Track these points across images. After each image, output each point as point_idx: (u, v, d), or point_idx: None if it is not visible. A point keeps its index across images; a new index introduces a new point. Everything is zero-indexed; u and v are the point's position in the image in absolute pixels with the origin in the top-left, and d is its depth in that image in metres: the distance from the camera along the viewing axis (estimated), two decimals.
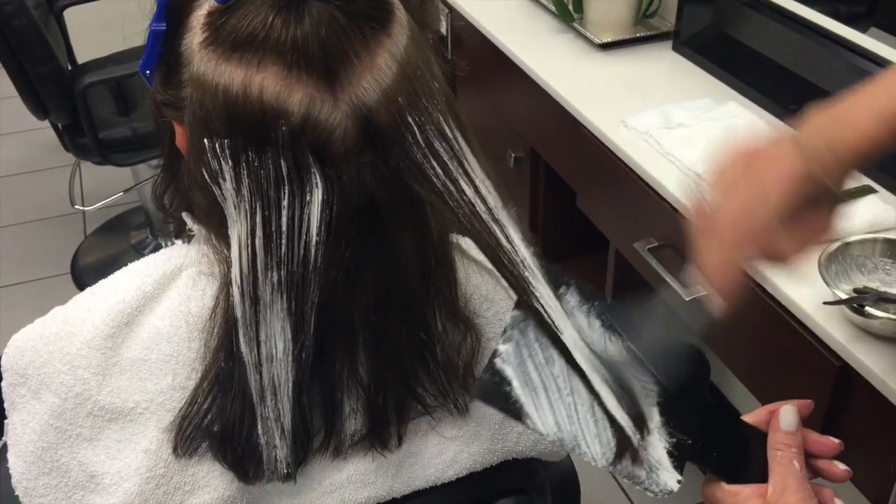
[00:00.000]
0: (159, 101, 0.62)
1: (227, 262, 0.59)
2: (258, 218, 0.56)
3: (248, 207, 0.56)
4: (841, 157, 0.61)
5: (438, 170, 0.57)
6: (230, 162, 0.55)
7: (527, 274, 0.59)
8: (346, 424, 0.65)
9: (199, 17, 0.57)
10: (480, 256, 0.72)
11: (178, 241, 0.77)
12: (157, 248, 2.57)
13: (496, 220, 0.59)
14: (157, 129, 0.68)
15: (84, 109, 2.02)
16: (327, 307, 0.59)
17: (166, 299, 0.65)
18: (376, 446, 0.66)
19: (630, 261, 1.40)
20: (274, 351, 0.59)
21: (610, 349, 0.60)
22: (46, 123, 2.28)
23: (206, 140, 0.55)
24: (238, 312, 0.58)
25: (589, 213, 1.53)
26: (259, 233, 0.56)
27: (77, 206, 2.32)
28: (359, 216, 0.57)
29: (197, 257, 0.66)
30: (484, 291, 0.72)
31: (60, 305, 0.70)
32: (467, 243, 0.71)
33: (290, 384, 0.60)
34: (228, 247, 0.58)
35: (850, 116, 0.63)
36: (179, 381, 0.63)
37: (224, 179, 0.56)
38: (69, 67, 2.35)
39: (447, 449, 0.70)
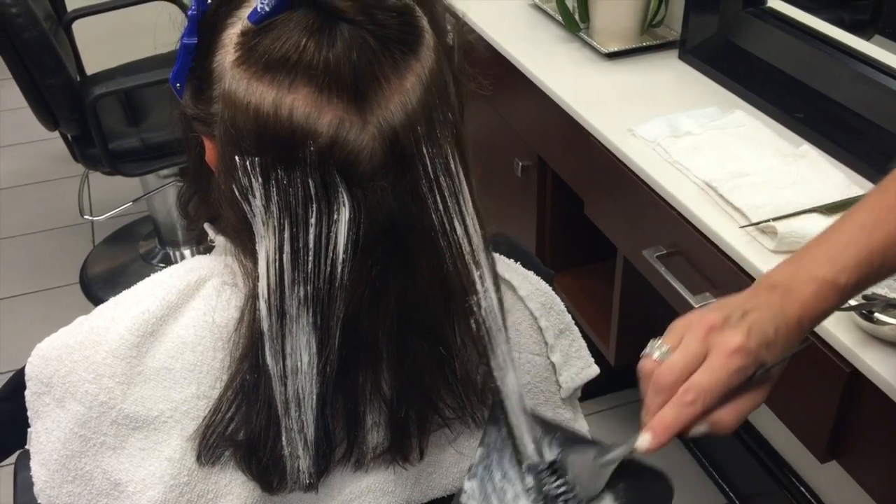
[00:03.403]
0: (189, 115, 0.63)
1: (253, 276, 0.60)
2: (286, 234, 0.57)
3: (276, 224, 0.57)
4: (786, 334, 0.61)
5: (439, 205, 0.59)
6: (260, 179, 0.56)
7: (491, 325, 0.62)
8: (368, 437, 0.66)
9: (231, 35, 0.58)
10: (499, 267, 0.74)
11: (188, 251, 0.78)
12: (165, 258, 2.60)
13: (476, 262, 0.61)
14: (183, 140, 0.70)
15: (94, 120, 2.04)
16: (352, 322, 0.60)
17: (190, 309, 0.66)
18: (398, 459, 0.67)
19: (638, 268, 1.41)
20: (299, 364, 0.60)
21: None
22: (55, 134, 2.30)
23: (236, 157, 0.57)
24: (264, 325, 0.59)
25: (597, 220, 1.54)
26: (287, 249, 0.57)
27: (86, 217, 2.34)
28: (384, 235, 0.58)
29: (220, 268, 0.68)
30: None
31: (84, 315, 0.71)
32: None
33: (315, 397, 0.61)
34: (255, 261, 0.59)
35: (794, 288, 0.62)
36: (204, 391, 0.64)
37: (254, 196, 0.57)
38: (78, 78, 2.37)
39: (464, 459, 0.71)
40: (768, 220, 1.11)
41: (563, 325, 0.77)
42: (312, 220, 0.57)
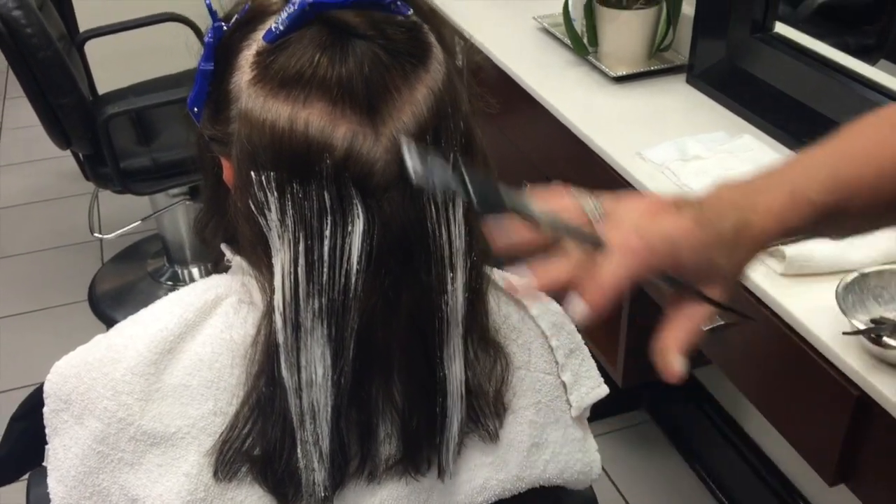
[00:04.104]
0: (207, 137, 0.64)
1: (269, 290, 0.61)
2: (301, 247, 0.58)
3: (291, 237, 0.58)
4: (745, 238, 0.54)
5: (431, 212, 0.60)
6: (276, 193, 0.58)
7: (451, 321, 0.63)
8: (380, 449, 0.67)
9: (247, 56, 0.59)
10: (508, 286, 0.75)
11: (196, 269, 0.79)
12: (173, 276, 2.61)
13: (452, 265, 0.62)
14: (200, 164, 0.71)
15: (106, 139, 2.06)
16: (365, 334, 0.61)
17: (208, 327, 0.67)
18: (410, 471, 0.68)
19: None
20: (314, 376, 0.61)
21: None
22: (62, 153, 2.32)
23: (252, 173, 0.58)
24: (280, 338, 0.60)
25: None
26: (301, 261, 0.58)
27: (96, 234, 2.36)
28: (396, 246, 0.59)
29: (237, 286, 0.69)
30: (513, 321, 0.74)
31: (100, 333, 0.72)
32: (498, 274, 0.73)
33: (329, 409, 0.62)
34: (271, 275, 0.60)
35: (760, 195, 0.55)
36: (220, 407, 0.65)
37: (269, 210, 0.58)
38: (90, 98, 2.39)
39: (477, 475, 0.72)
40: (776, 244, 1.12)
41: (573, 344, 0.78)
42: (327, 233, 0.58)
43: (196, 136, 0.69)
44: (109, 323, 2.49)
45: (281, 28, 0.56)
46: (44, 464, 0.72)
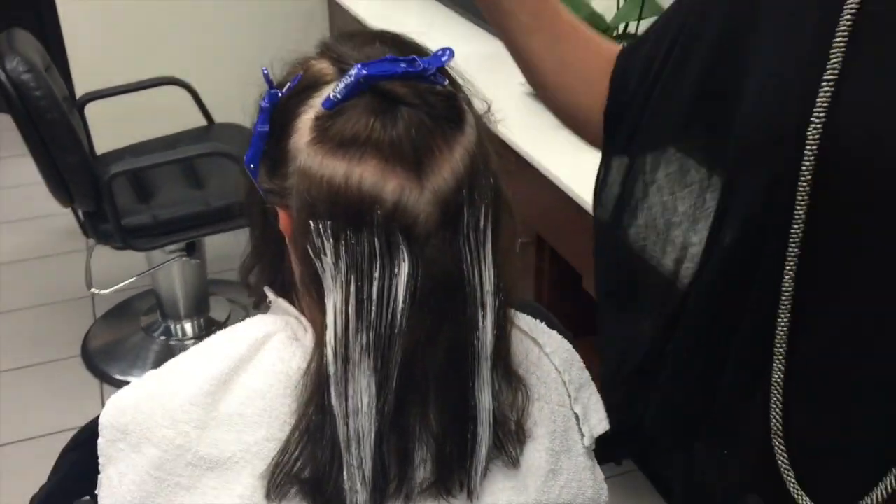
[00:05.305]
0: (264, 190, 0.72)
1: (319, 327, 0.68)
2: (352, 288, 0.66)
3: (344, 279, 0.66)
4: None
5: (466, 256, 0.68)
6: (331, 240, 0.65)
7: (480, 355, 0.70)
8: (416, 473, 0.73)
9: (306, 120, 0.67)
10: (525, 326, 0.83)
11: (189, 324, 0.84)
12: (167, 331, 2.66)
13: (482, 304, 0.69)
14: (248, 216, 0.79)
15: (109, 197, 2.13)
16: (407, 366, 0.68)
17: (259, 361, 0.73)
18: (442, 493, 0.74)
19: None
20: (360, 405, 0.68)
21: None
22: (54, 211, 2.38)
23: (311, 221, 0.66)
24: (330, 370, 0.67)
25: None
26: (352, 300, 0.66)
27: (94, 290, 2.41)
28: (437, 286, 0.67)
29: (282, 325, 0.75)
30: (531, 359, 0.81)
31: (153, 370, 0.78)
32: (514, 314, 0.81)
33: (373, 435, 0.68)
34: (324, 313, 0.68)
35: None
36: (273, 433, 0.71)
37: (325, 255, 0.66)
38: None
39: (501, 499, 0.78)
40: None
41: (582, 380, 0.86)
42: (376, 275, 0.65)
43: (246, 190, 0.77)
44: (103, 378, 2.53)
45: (339, 96, 0.65)
46: (95, 492, 0.77)
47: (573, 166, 1.70)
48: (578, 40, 0.95)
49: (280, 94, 0.71)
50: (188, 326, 2.68)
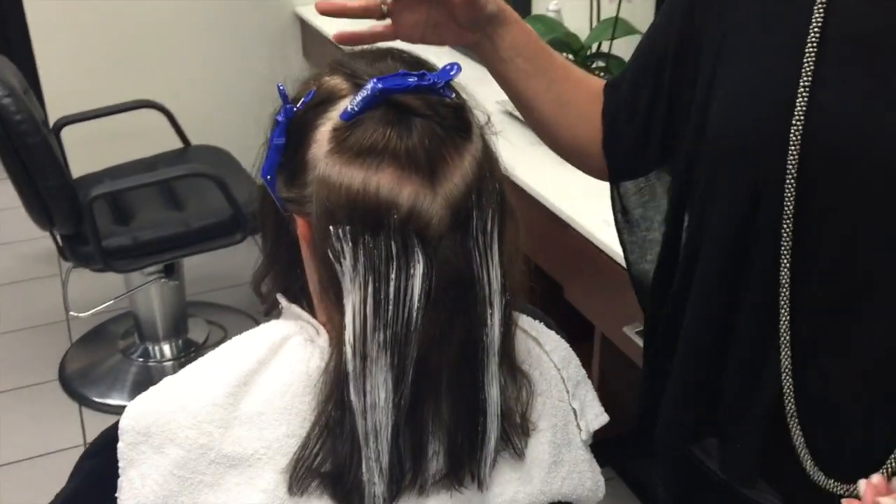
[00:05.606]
0: (283, 199, 0.76)
1: (339, 326, 0.72)
2: (370, 288, 0.70)
3: (362, 280, 0.70)
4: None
5: (475, 257, 0.72)
6: (350, 244, 0.69)
7: (489, 350, 0.75)
8: (430, 465, 0.77)
9: (323, 132, 0.71)
10: (526, 326, 0.87)
11: (167, 346, 0.85)
12: (145, 353, 2.66)
13: (490, 303, 0.74)
14: (262, 226, 0.82)
15: (90, 220, 2.14)
16: (422, 361, 0.72)
17: (278, 362, 0.77)
18: (454, 484, 0.78)
19: (617, 344, 1.55)
20: (377, 399, 0.71)
21: None
22: (27, 236, 2.37)
23: (331, 227, 0.69)
24: (349, 367, 0.71)
25: (576, 303, 1.69)
26: (370, 300, 0.70)
27: (72, 313, 2.41)
28: (450, 286, 0.71)
29: (296, 329, 0.79)
30: (533, 356, 0.85)
31: (170, 376, 0.80)
32: (516, 315, 0.85)
33: (390, 428, 0.72)
34: (342, 313, 0.71)
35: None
36: (293, 430, 0.74)
37: (345, 258, 0.69)
38: None
39: (508, 489, 0.82)
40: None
41: (579, 377, 0.90)
42: (392, 276, 0.69)
43: (260, 201, 0.81)
44: (82, 401, 2.52)
45: (356, 108, 0.69)
46: (116, 494, 0.79)
47: (553, 184, 1.75)
48: (570, 80, 1.02)
49: (295, 109, 0.75)
50: (166, 348, 2.68)
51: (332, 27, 2.97)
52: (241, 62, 3.24)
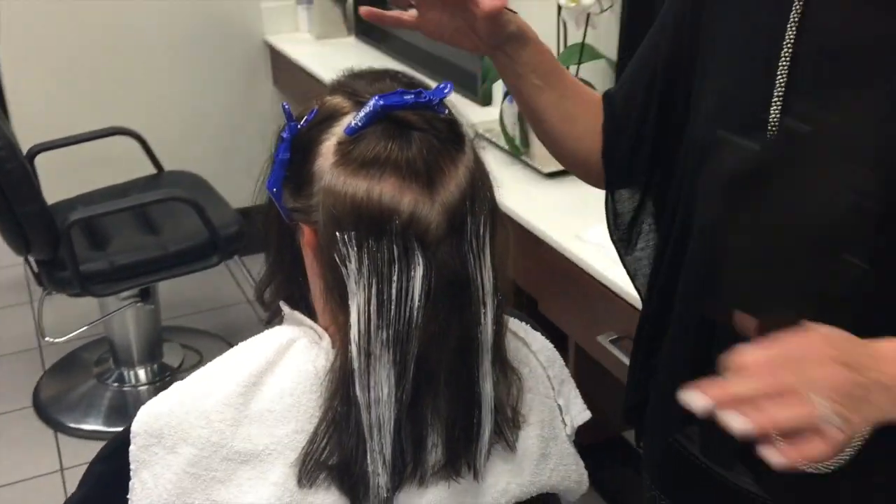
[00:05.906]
0: (289, 209, 0.81)
1: (344, 326, 0.77)
2: (374, 290, 0.75)
3: (366, 282, 0.75)
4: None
5: (470, 259, 0.78)
6: (355, 248, 0.75)
7: (482, 346, 0.80)
8: (429, 457, 0.82)
9: (328, 146, 0.77)
10: (514, 327, 0.93)
11: (143, 371, 0.83)
12: (119, 378, 2.68)
13: (483, 303, 0.79)
14: (265, 236, 0.87)
15: (68, 245, 2.16)
16: (423, 358, 0.77)
17: (286, 362, 0.81)
18: (452, 475, 0.83)
19: (591, 353, 1.61)
20: (381, 394, 0.76)
21: None
22: None
23: (337, 233, 0.75)
24: (355, 365, 0.76)
25: (551, 316, 1.75)
26: (374, 301, 0.75)
27: (48, 339, 2.42)
28: (447, 286, 0.77)
29: (301, 332, 0.84)
30: (521, 355, 0.91)
31: (179, 381, 0.84)
32: (512, 321, 0.91)
33: (392, 422, 0.77)
34: (347, 314, 0.76)
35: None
36: (301, 426, 0.79)
37: (350, 262, 0.75)
38: None
39: (500, 480, 0.87)
40: None
41: (563, 375, 0.96)
42: (395, 277, 0.75)
43: (265, 213, 0.86)
44: (57, 427, 2.52)
45: (359, 124, 0.75)
46: (128, 497, 0.82)
47: (526, 201, 1.82)
48: (578, 95, 1.08)
49: (300, 126, 0.80)
50: (142, 373, 2.69)
51: (301, 56, 3.03)
52: (212, 89, 3.28)
